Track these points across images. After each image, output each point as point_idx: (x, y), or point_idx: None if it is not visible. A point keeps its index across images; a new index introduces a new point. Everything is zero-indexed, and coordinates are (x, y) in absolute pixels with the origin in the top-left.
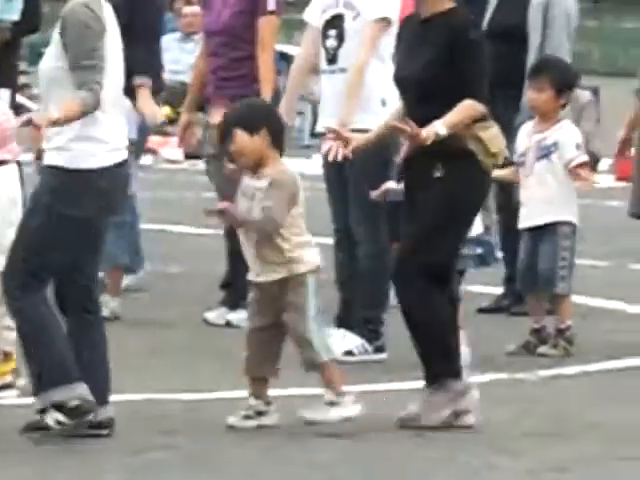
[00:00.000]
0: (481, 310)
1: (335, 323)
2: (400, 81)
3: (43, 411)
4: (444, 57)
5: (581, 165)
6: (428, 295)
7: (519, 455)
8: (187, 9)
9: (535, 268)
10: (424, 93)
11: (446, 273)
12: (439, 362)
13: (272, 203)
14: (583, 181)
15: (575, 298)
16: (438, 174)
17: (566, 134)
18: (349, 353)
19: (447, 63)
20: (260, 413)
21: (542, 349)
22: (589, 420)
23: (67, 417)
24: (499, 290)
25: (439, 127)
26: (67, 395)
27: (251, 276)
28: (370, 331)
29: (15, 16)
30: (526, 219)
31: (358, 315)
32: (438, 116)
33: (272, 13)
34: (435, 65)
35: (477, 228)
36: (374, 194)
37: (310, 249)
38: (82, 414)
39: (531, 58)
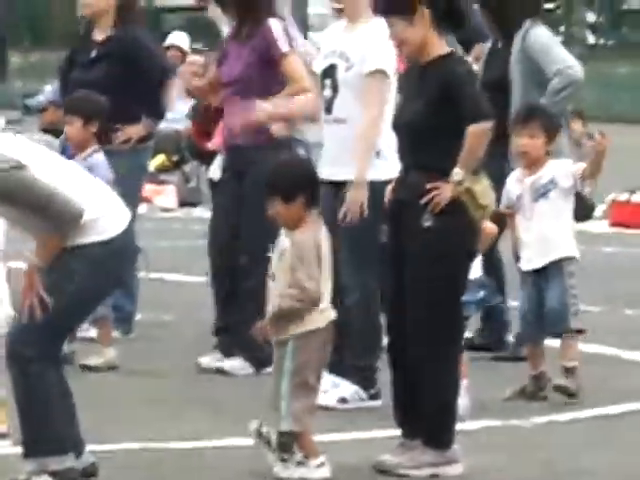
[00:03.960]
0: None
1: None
2: (395, 128)
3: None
4: (436, 103)
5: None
6: (440, 362)
7: None
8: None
9: (541, 314)
10: (416, 140)
11: (457, 328)
12: (442, 430)
13: (299, 276)
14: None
15: None
16: (427, 224)
17: (559, 167)
18: (343, 400)
19: (439, 109)
20: (300, 464)
21: (559, 381)
22: (583, 467)
23: None
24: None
25: (453, 175)
26: (58, 466)
27: None
28: (364, 379)
29: None
30: (530, 261)
31: (351, 363)
32: (431, 164)
33: (288, 55)
34: (427, 111)
35: (476, 271)
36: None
37: (312, 313)
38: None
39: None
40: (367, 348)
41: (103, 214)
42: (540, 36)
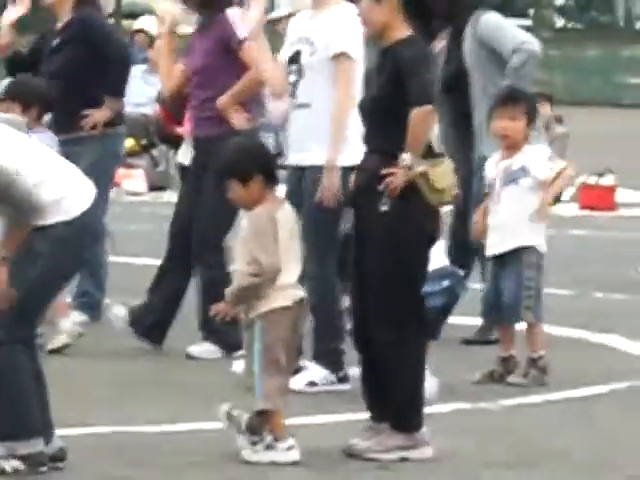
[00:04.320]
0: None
1: None
2: (359, 112)
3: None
4: (389, 87)
5: (560, 172)
6: (405, 346)
7: None
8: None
9: (501, 298)
10: (374, 123)
11: (419, 311)
12: (410, 414)
13: (256, 254)
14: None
15: None
16: (384, 208)
17: (533, 156)
18: (312, 384)
19: (392, 93)
20: (269, 447)
21: (512, 378)
22: (552, 449)
23: (24, 465)
24: (460, 319)
25: (402, 159)
26: (26, 450)
27: None
28: (331, 362)
29: None
30: (493, 246)
31: (316, 347)
32: (386, 148)
33: (245, 40)
34: (381, 96)
35: (441, 261)
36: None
37: (276, 291)
38: (37, 464)
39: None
40: (329, 332)
41: (67, 194)
42: (489, 20)
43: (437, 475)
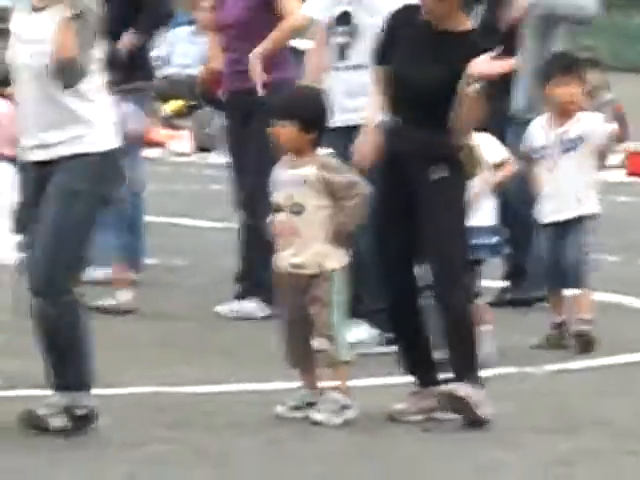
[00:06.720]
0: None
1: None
2: (403, 81)
3: (52, 412)
4: (460, 73)
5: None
6: (471, 305)
7: (526, 449)
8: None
9: (561, 264)
10: (433, 102)
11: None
12: (477, 364)
13: (347, 177)
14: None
15: None
16: (444, 174)
17: (589, 123)
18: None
19: (459, 78)
20: (309, 404)
21: (580, 327)
22: (596, 414)
23: (72, 423)
24: (500, 283)
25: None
26: (90, 402)
27: (282, 264)
28: (383, 321)
29: None
30: (552, 213)
31: (369, 307)
32: (435, 122)
33: None
34: (449, 78)
35: (494, 218)
36: None
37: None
38: (87, 424)
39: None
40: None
41: (104, 124)
42: None
43: (479, 438)
